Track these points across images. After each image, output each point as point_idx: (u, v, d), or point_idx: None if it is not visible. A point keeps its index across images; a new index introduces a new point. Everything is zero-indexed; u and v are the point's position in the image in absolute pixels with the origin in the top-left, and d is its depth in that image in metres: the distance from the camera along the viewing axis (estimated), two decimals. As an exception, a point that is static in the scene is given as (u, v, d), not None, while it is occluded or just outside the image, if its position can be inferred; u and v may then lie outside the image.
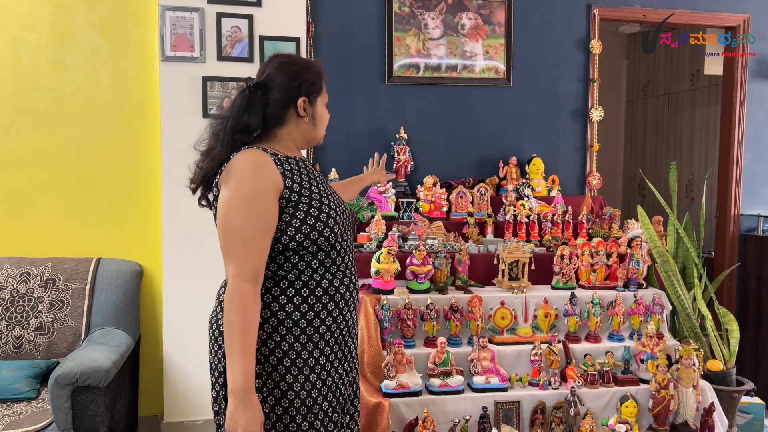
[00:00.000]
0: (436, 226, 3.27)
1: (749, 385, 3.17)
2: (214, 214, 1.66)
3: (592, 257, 3.15)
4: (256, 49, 3.32)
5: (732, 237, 4.18)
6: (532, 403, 2.68)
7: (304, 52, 3.41)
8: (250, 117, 1.66)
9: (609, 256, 3.17)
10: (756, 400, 3.26)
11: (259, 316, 1.54)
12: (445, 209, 3.49)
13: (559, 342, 2.85)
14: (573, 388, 2.69)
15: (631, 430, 2.64)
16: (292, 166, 1.65)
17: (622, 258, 3.19)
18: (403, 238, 3.17)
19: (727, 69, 4.22)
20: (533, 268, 3.04)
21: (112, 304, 3.07)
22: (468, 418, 2.55)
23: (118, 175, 3.32)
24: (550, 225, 3.38)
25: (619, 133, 6.56)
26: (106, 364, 2.52)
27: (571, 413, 2.66)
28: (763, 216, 4.14)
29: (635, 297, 3.02)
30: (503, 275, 3.01)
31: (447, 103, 3.76)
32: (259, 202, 1.55)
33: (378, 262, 2.87)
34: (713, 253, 4.33)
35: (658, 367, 2.72)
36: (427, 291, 2.95)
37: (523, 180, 3.65)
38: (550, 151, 3.87)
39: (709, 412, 2.76)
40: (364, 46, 3.64)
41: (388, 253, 2.88)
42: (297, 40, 3.39)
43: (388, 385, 2.59)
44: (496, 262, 3.05)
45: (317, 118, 1.75)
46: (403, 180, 3.60)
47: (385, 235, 3.13)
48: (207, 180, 1.70)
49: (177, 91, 3.23)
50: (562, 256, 3.08)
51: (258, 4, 3.32)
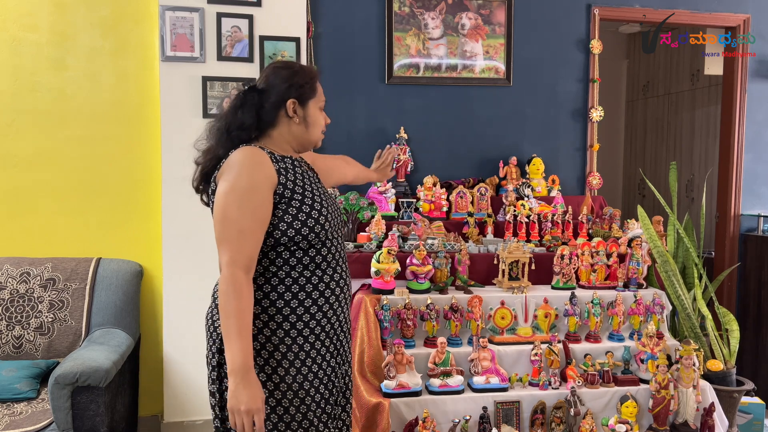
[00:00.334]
0: (436, 226, 3.27)
1: (749, 385, 3.17)
2: (212, 209, 1.71)
3: (592, 257, 3.15)
4: (256, 49, 3.32)
5: (732, 237, 4.18)
6: (532, 403, 2.68)
7: (304, 52, 3.41)
8: (243, 115, 1.73)
9: (609, 256, 3.18)
10: (756, 400, 3.26)
11: (252, 302, 1.61)
12: (445, 209, 3.48)
13: (559, 342, 2.85)
14: (573, 388, 2.69)
15: (631, 430, 2.64)
16: (287, 164, 1.72)
17: (622, 258, 3.19)
18: (403, 238, 3.17)
19: (727, 69, 4.22)
20: (533, 268, 3.04)
21: (112, 304, 3.07)
22: (468, 418, 2.55)
23: (118, 175, 3.32)
24: (550, 225, 3.38)
25: (619, 133, 6.55)
26: (106, 364, 2.53)
27: (571, 413, 2.66)
28: (763, 216, 4.14)
29: (635, 297, 3.02)
30: (503, 275, 3.01)
31: (447, 103, 3.76)
32: (255, 195, 1.62)
33: (378, 262, 2.87)
34: (713, 253, 4.33)
35: (658, 367, 2.72)
36: (427, 291, 2.95)
37: (523, 180, 3.65)
38: (550, 151, 3.87)
39: (709, 412, 2.76)
40: (364, 46, 3.64)
41: (388, 253, 2.88)
42: (297, 40, 3.39)
43: (388, 385, 2.59)
44: (496, 262, 3.05)
45: (309, 120, 1.79)
46: (403, 180, 3.60)
47: (385, 235, 3.13)
48: (206, 176, 1.77)
49: (177, 91, 3.23)
50: (562, 256, 3.08)
51: (258, 4, 3.32)
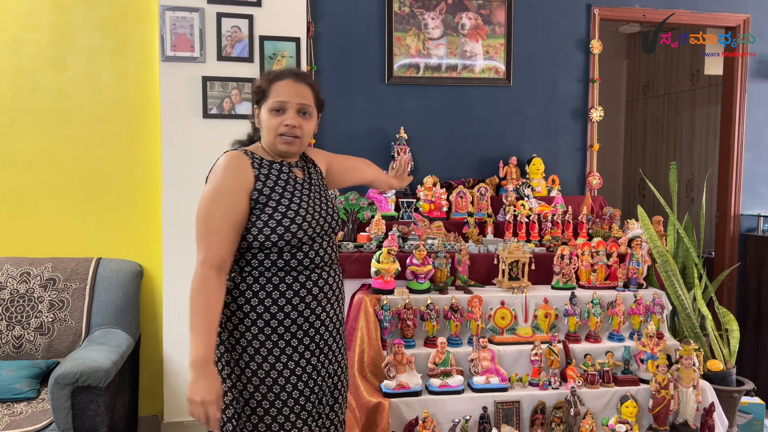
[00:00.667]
0: (436, 226, 3.27)
1: (749, 385, 3.17)
2: None
3: (592, 257, 3.15)
4: (256, 49, 3.32)
5: (732, 237, 4.18)
6: (532, 403, 2.68)
7: (304, 52, 3.41)
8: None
9: (609, 256, 3.17)
10: (756, 400, 3.26)
11: (221, 300, 1.69)
12: (445, 209, 3.48)
13: (559, 342, 2.85)
14: (573, 388, 2.69)
15: (631, 430, 2.64)
16: (269, 170, 1.78)
17: (622, 258, 3.19)
18: (403, 238, 3.17)
19: (727, 69, 4.22)
20: (533, 268, 3.04)
21: (112, 304, 3.07)
22: (468, 418, 2.55)
23: (118, 175, 3.32)
24: (550, 225, 3.38)
25: (619, 133, 6.55)
26: (106, 364, 2.52)
27: (571, 413, 2.66)
28: (763, 216, 4.14)
29: (635, 297, 3.02)
30: (503, 275, 3.01)
31: (447, 103, 3.75)
32: (228, 199, 1.70)
33: (378, 262, 2.87)
34: (713, 253, 4.33)
35: (658, 367, 2.72)
36: (427, 291, 2.95)
37: (523, 180, 3.64)
38: (550, 151, 3.87)
39: (709, 412, 2.76)
40: (364, 46, 3.64)
41: (388, 253, 2.88)
42: (297, 40, 3.39)
43: (388, 385, 2.59)
44: (496, 262, 3.05)
45: (262, 124, 1.82)
46: (403, 180, 3.60)
47: (385, 235, 3.13)
48: None
49: (177, 91, 3.23)
50: (562, 256, 3.08)
51: (258, 4, 3.32)
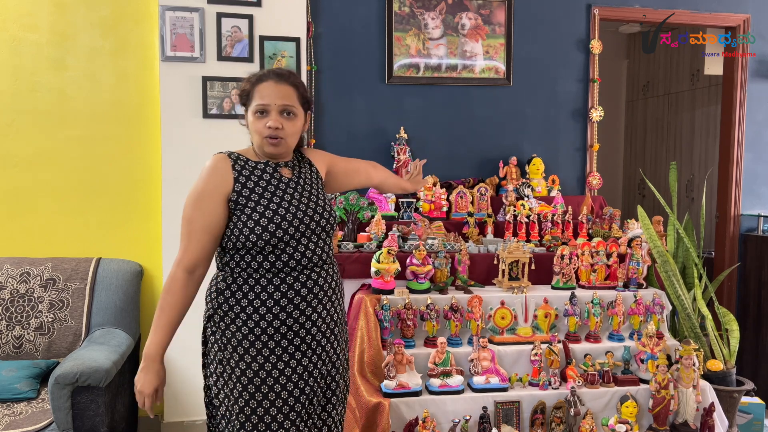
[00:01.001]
0: (436, 226, 3.27)
1: (749, 385, 3.17)
2: None
3: (592, 257, 3.15)
4: (256, 49, 3.32)
5: (732, 237, 4.18)
6: (532, 403, 2.68)
7: (304, 52, 3.41)
8: None
9: (609, 256, 3.17)
10: (756, 400, 3.26)
11: (187, 301, 1.75)
12: (445, 209, 3.48)
13: (559, 342, 2.85)
14: (573, 388, 2.69)
15: (631, 430, 2.64)
16: (252, 171, 1.79)
17: (622, 258, 3.19)
18: (403, 238, 3.17)
19: (727, 69, 4.22)
20: (533, 268, 3.04)
21: (112, 304, 3.07)
22: (468, 418, 2.55)
23: (118, 175, 3.32)
24: (550, 225, 3.38)
25: (619, 133, 6.55)
26: (106, 364, 2.52)
27: (571, 413, 2.66)
28: (763, 216, 4.14)
29: (635, 297, 3.02)
30: (503, 275, 3.01)
31: (447, 103, 3.75)
32: (204, 201, 1.73)
33: (378, 262, 2.87)
34: (713, 253, 4.33)
35: (658, 367, 2.72)
36: (427, 291, 2.95)
37: (523, 180, 3.64)
38: (550, 151, 3.86)
39: (709, 412, 2.76)
40: (364, 46, 3.64)
41: (388, 253, 2.88)
42: (297, 40, 3.39)
43: (388, 385, 2.59)
44: (496, 262, 3.05)
45: (249, 127, 1.84)
46: (403, 180, 3.60)
47: (385, 235, 3.13)
48: None
49: (177, 91, 3.23)
50: (562, 256, 3.08)
51: (258, 4, 3.32)
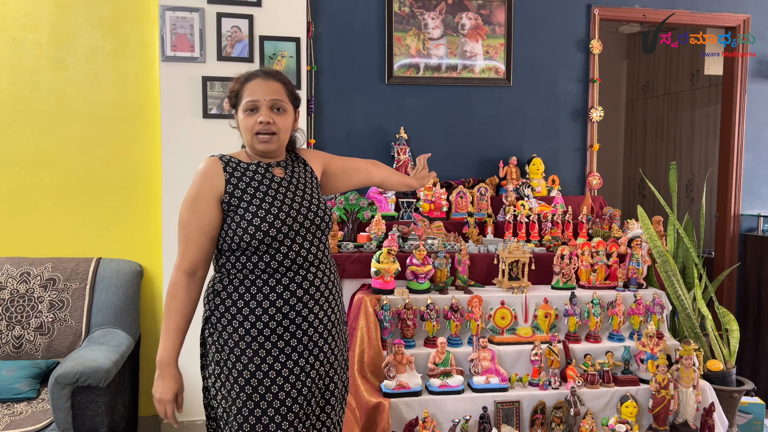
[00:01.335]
0: (436, 226, 3.27)
1: (749, 385, 3.16)
2: None
3: (592, 257, 3.15)
4: (256, 49, 3.32)
5: (732, 237, 4.18)
6: (532, 403, 2.68)
7: (304, 52, 3.41)
8: None
9: (609, 256, 3.17)
10: (756, 400, 3.26)
11: (192, 303, 1.76)
12: (445, 209, 3.48)
13: (559, 342, 2.85)
14: (573, 388, 2.69)
15: (631, 430, 2.64)
16: (244, 172, 1.79)
17: (622, 258, 3.19)
18: (403, 238, 3.17)
19: (727, 69, 4.22)
20: (533, 268, 3.04)
21: (112, 304, 3.07)
22: (468, 418, 2.55)
23: (118, 175, 3.32)
24: (550, 225, 3.38)
25: (619, 133, 6.55)
26: (106, 364, 2.52)
27: (571, 413, 2.66)
28: (763, 216, 4.14)
29: (635, 297, 3.02)
30: (503, 275, 3.01)
31: (447, 103, 3.75)
32: (198, 204, 1.74)
33: (378, 262, 2.87)
34: (713, 253, 4.33)
35: (658, 367, 2.72)
36: (427, 291, 2.95)
37: (523, 180, 3.64)
38: (550, 151, 3.87)
39: (709, 412, 2.76)
40: (364, 46, 3.64)
41: (388, 253, 2.88)
42: (297, 40, 3.39)
43: (388, 385, 2.59)
44: (496, 262, 3.05)
45: (240, 126, 1.85)
46: (403, 180, 3.60)
47: (385, 235, 3.13)
48: None
49: (177, 91, 3.23)
50: (562, 256, 3.08)
51: (258, 4, 3.32)
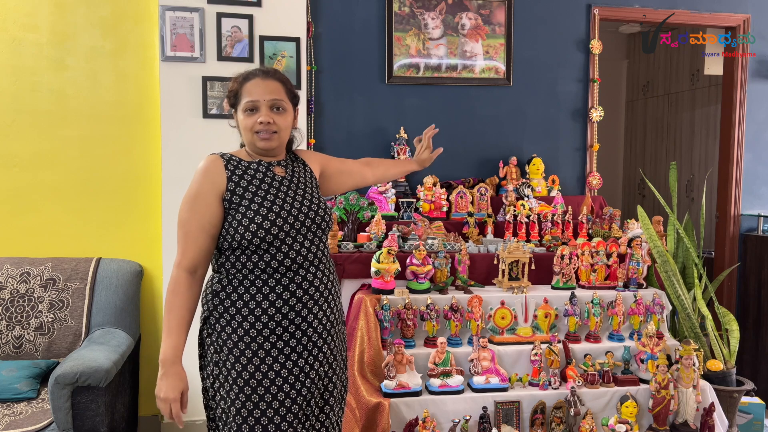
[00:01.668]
0: (436, 226, 3.27)
1: (749, 385, 3.17)
2: None
3: (592, 257, 3.15)
4: (256, 49, 3.32)
5: (732, 237, 4.18)
6: (532, 403, 2.68)
7: (304, 52, 3.41)
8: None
9: (609, 256, 3.17)
10: (756, 400, 3.26)
11: (193, 301, 1.74)
12: (445, 209, 3.48)
13: (559, 342, 2.85)
14: (573, 388, 2.69)
15: (631, 430, 2.64)
16: (245, 170, 1.80)
17: (622, 258, 3.19)
18: (403, 238, 3.17)
19: (727, 69, 4.22)
20: (533, 268, 3.04)
21: (112, 304, 3.07)
22: (468, 418, 2.55)
23: (118, 175, 3.32)
24: (550, 225, 3.38)
25: (619, 133, 6.56)
26: (106, 364, 2.52)
27: (571, 413, 2.66)
28: (763, 216, 4.14)
29: (635, 297, 3.02)
30: (503, 275, 3.01)
31: (447, 103, 3.75)
32: (199, 202, 1.74)
33: (378, 262, 2.87)
34: (713, 253, 4.33)
35: (658, 367, 2.72)
36: (427, 291, 2.95)
37: (523, 180, 3.64)
38: (550, 151, 3.87)
39: (709, 412, 2.76)
40: (364, 46, 3.64)
41: (388, 253, 2.88)
42: (297, 40, 3.39)
43: (388, 385, 2.59)
44: (496, 262, 3.05)
45: (239, 125, 1.86)
46: (403, 180, 3.60)
47: (385, 235, 3.13)
48: None
49: (177, 91, 3.23)
50: (562, 256, 3.08)
51: (258, 4, 3.32)
